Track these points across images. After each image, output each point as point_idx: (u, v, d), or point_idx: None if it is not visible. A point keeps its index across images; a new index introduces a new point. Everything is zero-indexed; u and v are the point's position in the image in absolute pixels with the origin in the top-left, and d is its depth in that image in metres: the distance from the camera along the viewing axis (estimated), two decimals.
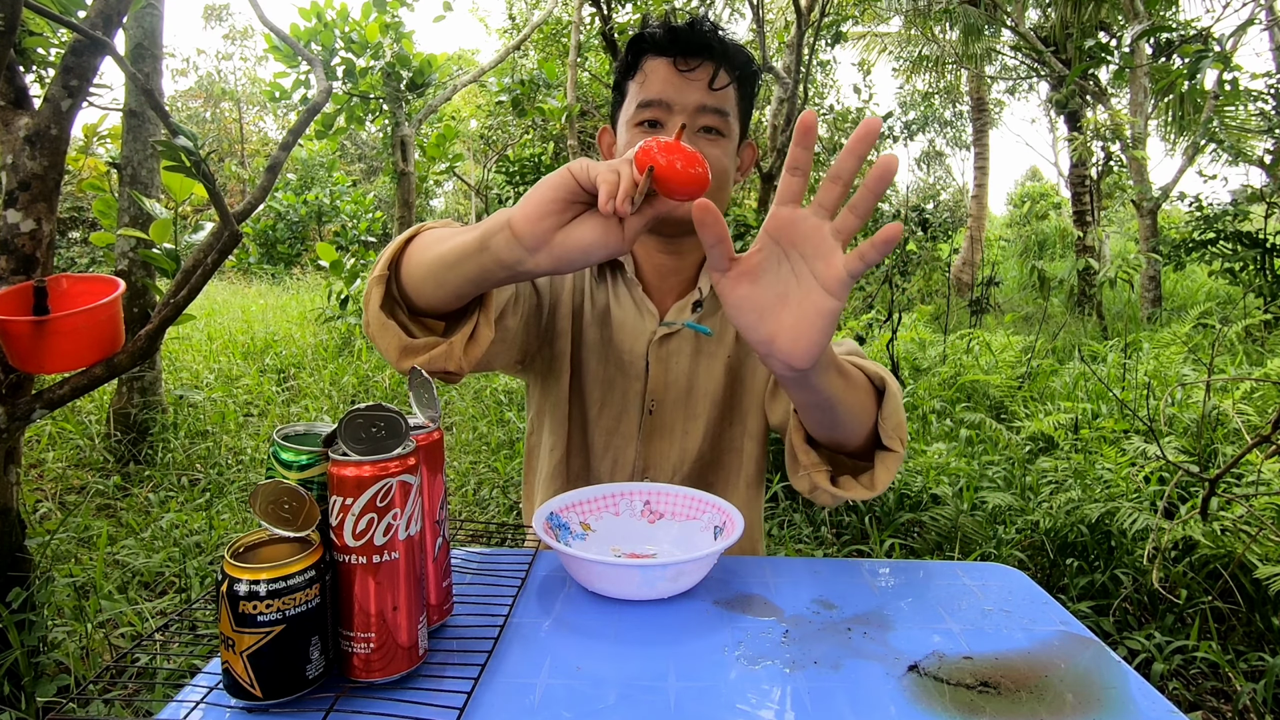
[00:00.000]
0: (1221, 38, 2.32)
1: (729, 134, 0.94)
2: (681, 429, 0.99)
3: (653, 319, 0.99)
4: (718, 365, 1.00)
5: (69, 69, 1.42)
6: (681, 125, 0.64)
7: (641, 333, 0.99)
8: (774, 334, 0.59)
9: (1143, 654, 1.88)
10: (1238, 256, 5.73)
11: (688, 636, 0.63)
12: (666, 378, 0.99)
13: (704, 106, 0.91)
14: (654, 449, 0.99)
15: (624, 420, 0.99)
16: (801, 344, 0.58)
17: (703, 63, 0.91)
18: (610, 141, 1.02)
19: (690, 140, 0.91)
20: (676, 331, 0.99)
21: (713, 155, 0.91)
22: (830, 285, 0.56)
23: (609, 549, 0.79)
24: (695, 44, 0.90)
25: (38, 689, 1.61)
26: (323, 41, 5.71)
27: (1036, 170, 31.20)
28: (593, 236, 0.57)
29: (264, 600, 0.50)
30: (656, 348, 0.98)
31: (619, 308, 1.00)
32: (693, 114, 0.91)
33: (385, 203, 17.19)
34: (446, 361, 0.72)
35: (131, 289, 2.87)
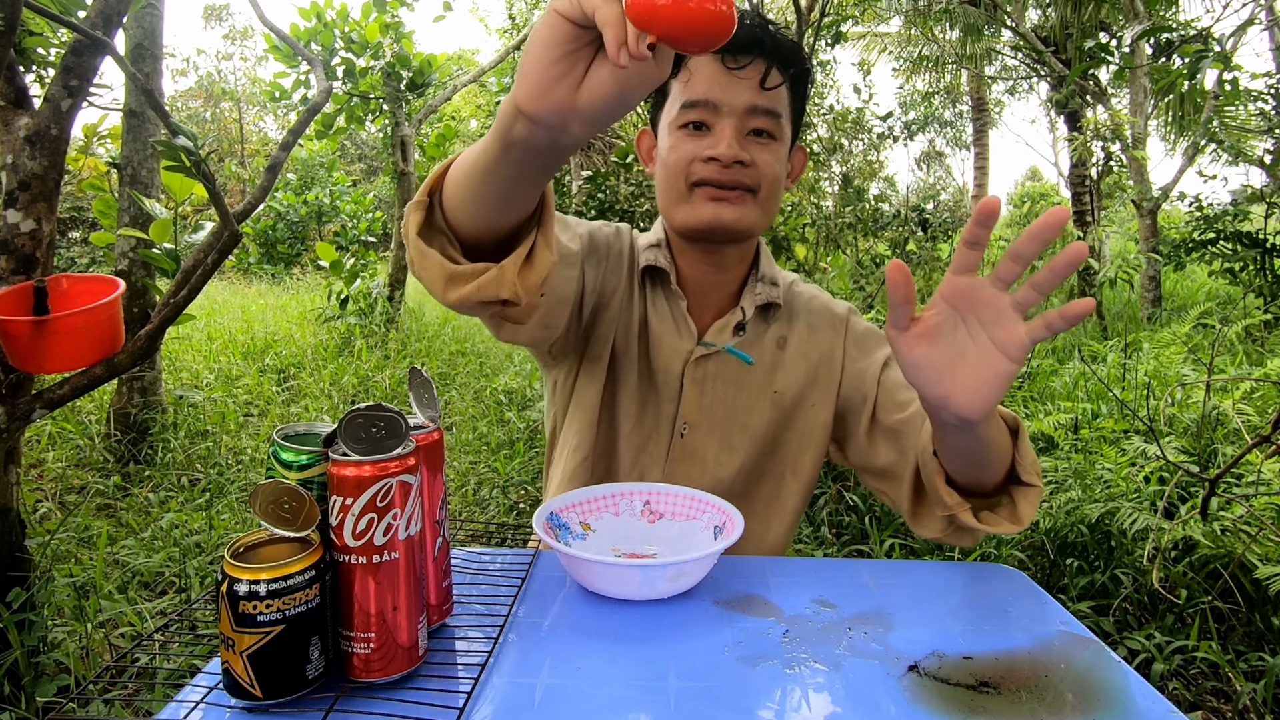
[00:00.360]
0: (1221, 38, 2.32)
1: (780, 137, 0.88)
2: (714, 459, 0.94)
3: (691, 337, 0.94)
4: (761, 401, 0.95)
5: (69, 69, 1.42)
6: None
7: (679, 351, 0.93)
8: (950, 392, 0.63)
9: (1143, 654, 1.88)
10: (1238, 256, 5.72)
11: (688, 636, 0.63)
12: (701, 401, 0.93)
13: (754, 108, 0.85)
14: (681, 473, 0.94)
15: (653, 440, 0.94)
16: (978, 401, 0.62)
17: (753, 60, 0.85)
18: (650, 145, 0.96)
19: (739, 145, 0.85)
20: (715, 353, 0.93)
21: (763, 160, 0.86)
22: (1011, 351, 0.60)
23: (609, 549, 0.79)
24: (745, 40, 0.84)
25: (38, 689, 1.61)
26: (323, 41, 5.71)
27: (1036, 170, 31.21)
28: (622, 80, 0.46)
29: (264, 600, 0.50)
30: (693, 368, 0.93)
31: (658, 320, 0.95)
32: (742, 115, 0.85)
33: (385, 203, 17.18)
34: (499, 288, 0.62)
35: (131, 289, 2.87)
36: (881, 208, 7.87)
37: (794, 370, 0.96)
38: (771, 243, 3.58)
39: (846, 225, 7.66)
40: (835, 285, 5.97)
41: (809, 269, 5.60)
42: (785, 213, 4.73)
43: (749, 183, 0.86)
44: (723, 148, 0.84)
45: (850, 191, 6.05)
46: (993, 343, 0.61)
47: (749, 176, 0.86)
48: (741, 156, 0.85)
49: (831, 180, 12.51)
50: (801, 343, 0.97)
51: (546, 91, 0.47)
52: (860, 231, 7.67)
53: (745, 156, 0.85)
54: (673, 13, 0.40)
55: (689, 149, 0.87)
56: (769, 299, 0.95)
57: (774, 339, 0.96)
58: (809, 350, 0.97)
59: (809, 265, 5.97)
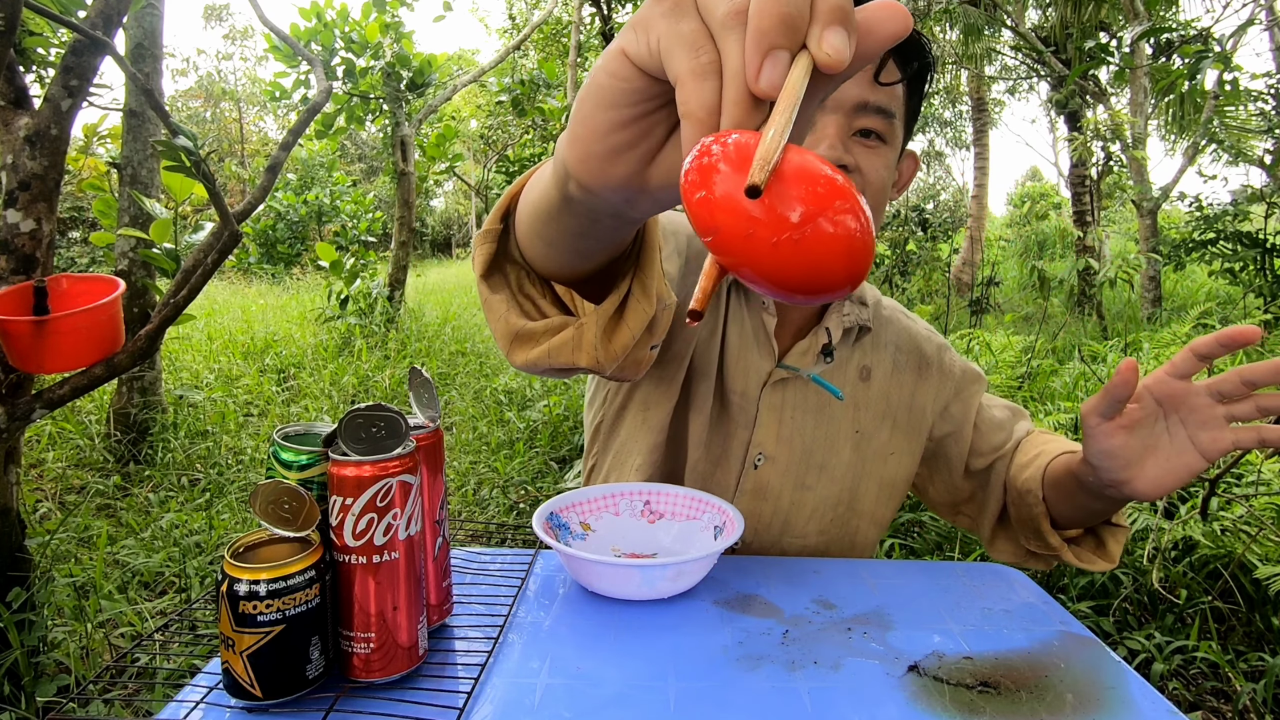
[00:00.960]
0: (1221, 38, 2.32)
1: (891, 141, 0.76)
2: (790, 498, 0.84)
3: (771, 357, 0.83)
4: (842, 439, 0.85)
5: (69, 69, 1.42)
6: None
7: (757, 371, 0.83)
8: (1134, 478, 0.66)
9: (1143, 654, 1.88)
10: (1238, 256, 5.73)
11: (688, 636, 0.63)
12: (780, 431, 0.83)
13: (864, 104, 0.73)
14: (752, 509, 0.84)
15: (721, 469, 0.85)
16: (1157, 490, 0.66)
17: None
18: None
19: (843, 146, 0.73)
20: (794, 378, 0.83)
21: (870, 166, 0.74)
22: (1209, 453, 0.64)
23: (609, 549, 0.79)
24: None
25: (38, 689, 1.62)
26: (323, 41, 5.71)
27: (1036, 170, 31.21)
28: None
29: (264, 600, 0.50)
30: (770, 393, 0.83)
31: (738, 334, 0.83)
32: (849, 113, 0.73)
33: (385, 203, 17.18)
34: (575, 354, 0.50)
35: (131, 289, 2.87)
36: None
37: (875, 409, 0.87)
38: None
39: None
40: None
41: None
42: None
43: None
44: (824, 149, 0.73)
45: None
46: (1192, 442, 0.65)
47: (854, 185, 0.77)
48: (845, 160, 0.74)
49: None
50: (884, 378, 0.88)
51: (605, 166, 0.34)
52: None
53: (849, 160, 0.74)
54: (791, 260, 0.25)
55: None
56: (859, 321, 0.86)
57: (858, 368, 0.87)
58: (891, 390, 0.88)
59: None
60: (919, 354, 0.91)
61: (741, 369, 0.83)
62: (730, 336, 0.83)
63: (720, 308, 0.84)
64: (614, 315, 0.50)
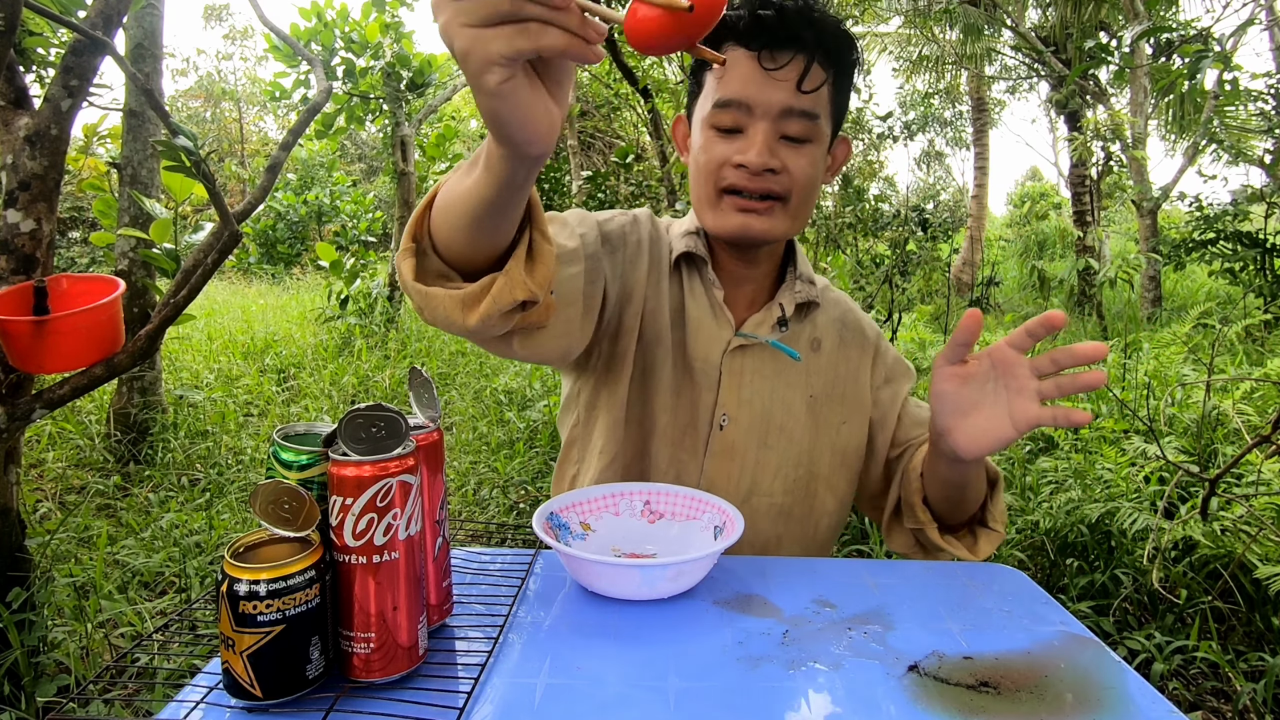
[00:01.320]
0: (1221, 38, 2.32)
1: (818, 139, 0.83)
2: (754, 457, 0.90)
3: (729, 326, 0.91)
4: (798, 402, 0.92)
5: (69, 69, 1.42)
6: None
7: (717, 339, 0.90)
8: (955, 427, 0.74)
9: (1143, 654, 1.88)
10: (1238, 256, 5.73)
11: (688, 636, 0.63)
12: (740, 394, 0.90)
13: (789, 110, 0.80)
14: (719, 469, 0.90)
15: (690, 433, 0.90)
16: (973, 447, 0.73)
17: (793, 57, 0.79)
18: (685, 133, 0.92)
19: (769, 151, 0.81)
20: (753, 346, 0.91)
21: (796, 166, 0.82)
22: (1019, 423, 0.70)
23: (609, 549, 0.79)
24: (784, 34, 0.78)
25: (38, 689, 1.62)
26: (323, 41, 5.71)
27: (1036, 170, 31.21)
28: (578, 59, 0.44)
29: (264, 600, 0.50)
30: (730, 359, 0.90)
31: (696, 307, 0.91)
32: (775, 119, 0.80)
33: (385, 203, 17.17)
34: (513, 290, 0.60)
35: (131, 289, 2.87)
36: (881, 208, 7.85)
37: (825, 377, 0.94)
38: None
39: (846, 225, 7.65)
40: (835, 285, 5.96)
41: None
42: None
43: (779, 190, 0.83)
44: (752, 155, 0.80)
45: (850, 191, 6.04)
46: (1008, 409, 0.71)
47: (779, 184, 0.83)
48: (772, 164, 0.81)
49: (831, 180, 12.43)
50: (832, 350, 0.96)
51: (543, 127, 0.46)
52: (860, 231, 7.67)
53: (776, 164, 0.81)
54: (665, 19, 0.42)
55: (720, 151, 0.83)
56: (809, 298, 0.93)
57: (809, 340, 0.94)
58: (839, 362, 0.95)
59: None
60: (861, 333, 0.99)
61: (704, 338, 0.90)
62: (690, 310, 0.91)
63: (674, 289, 0.91)
64: (528, 258, 0.61)
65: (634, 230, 0.91)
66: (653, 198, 5.84)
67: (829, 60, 0.81)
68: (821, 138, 0.84)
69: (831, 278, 6.39)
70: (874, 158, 13.92)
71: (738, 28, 0.80)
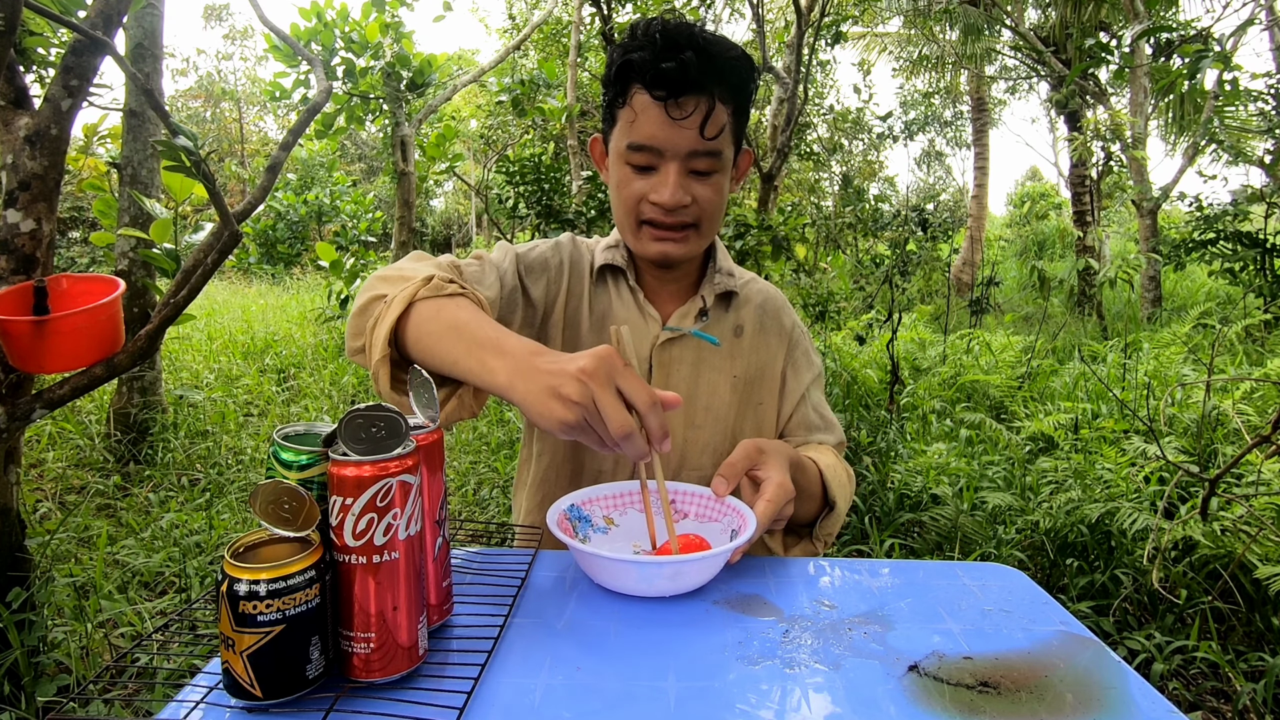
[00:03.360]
0: (1221, 38, 2.31)
1: (722, 168, 0.91)
2: (683, 436, 0.99)
3: (655, 323, 0.99)
4: (722, 383, 1.00)
5: (69, 69, 1.42)
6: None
7: (645, 336, 0.99)
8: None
9: (1143, 654, 1.88)
10: (1238, 256, 5.73)
11: (688, 636, 0.63)
12: (669, 382, 0.99)
13: (695, 152, 0.87)
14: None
15: None
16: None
17: (696, 104, 0.85)
18: (602, 153, 0.99)
19: (681, 189, 0.89)
20: (679, 338, 0.99)
21: (704, 196, 0.90)
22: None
23: (630, 545, 0.80)
24: (686, 83, 0.84)
25: (38, 689, 1.62)
26: (323, 41, 5.71)
27: (1036, 170, 31.20)
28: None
29: (264, 600, 0.50)
30: (659, 352, 0.98)
31: (623, 310, 1.00)
32: (684, 159, 0.88)
33: (385, 203, 17.18)
34: (462, 411, 0.77)
35: (131, 289, 2.87)
36: (881, 208, 7.85)
37: (747, 360, 1.03)
38: (771, 243, 3.58)
39: (846, 225, 7.65)
40: (835, 285, 5.96)
41: (809, 269, 5.60)
42: (785, 212, 4.73)
43: (691, 220, 0.91)
44: (666, 195, 0.88)
45: (850, 191, 6.03)
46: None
47: (691, 215, 0.91)
48: (684, 201, 0.89)
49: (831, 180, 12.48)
50: (753, 335, 1.04)
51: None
52: (860, 231, 7.67)
53: (686, 200, 0.89)
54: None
55: (637, 188, 0.91)
56: (727, 288, 1.02)
57: (732, 326, 1.03)
58: (759, 346, 1.04)
59: (809, 265, 5.96)
60: (779, 322, 1.06)
61: (633, 337, 0.94)
62: (617, 314, 0.99)
63: (599, 299, 1.00)
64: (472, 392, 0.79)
65: (555, 254, 1.01)
66: None
67: (730, 95, 0.88)
68: (726, 165, 0.91)
69: (831, 278, 6.38)
70: (874, 158, 13.90)
71: (645, 75, 0.85)
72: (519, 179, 4.98)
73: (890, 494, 2.84)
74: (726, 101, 0.88)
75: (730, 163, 0.93)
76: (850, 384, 4.20)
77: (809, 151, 10.22)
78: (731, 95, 0.88)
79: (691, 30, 0.87)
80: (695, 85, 0.85)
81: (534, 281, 0.97)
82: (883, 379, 4.32)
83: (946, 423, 3.64)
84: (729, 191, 0.96)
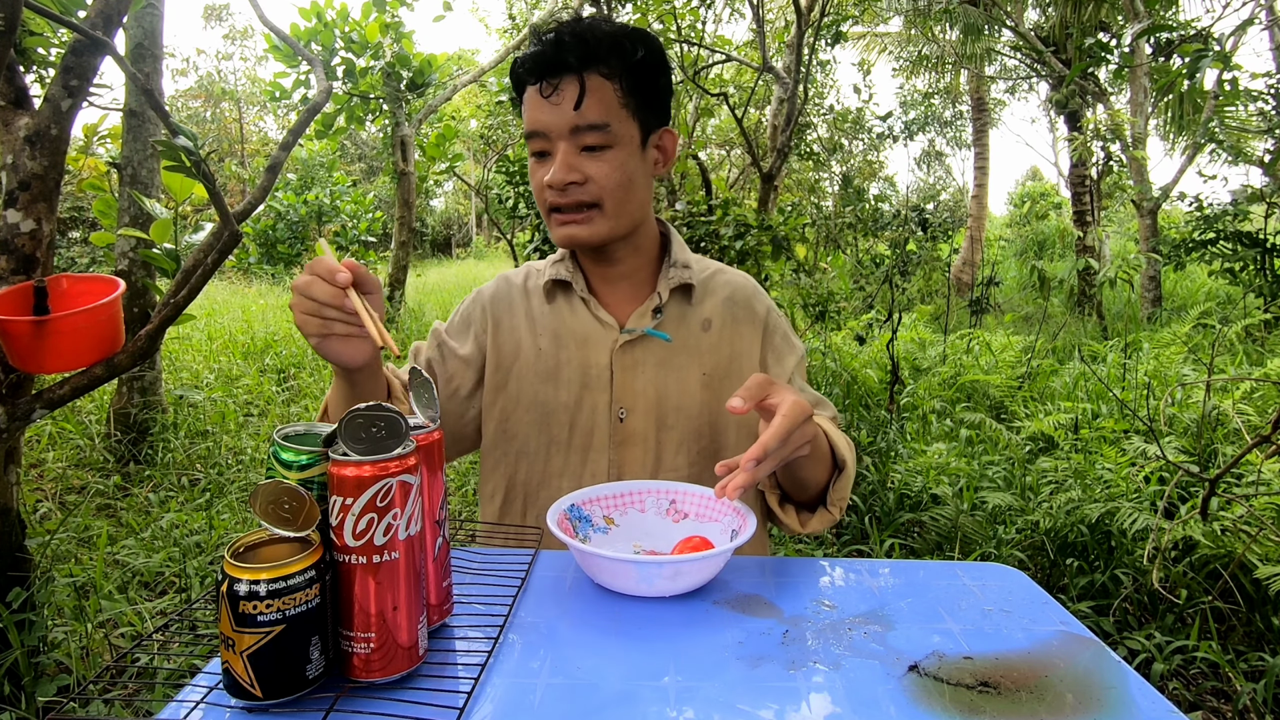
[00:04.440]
0: (1221, 37, 2.32)
1: (617, 142, 0.89)
2: (655, 438, 0.97)
3: (613, 329, 0.98)
4: (690, 378, 0.98)
5: (69, 69, 1.42)
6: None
7: (604, 343, 0.97)
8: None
9: (1143, 654, 1.88)
10: (1238, 256, 5.73)
11: (688, 636, 0.63)
12: (634, 386, 0.97)
13: (576, 128, 0.87)
14: (627, 456, 0.97)
15: (596, 433, 0.97)
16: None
17: (565, 80, 0.87)
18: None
19: (568, 168, 0.89)
20: (638, 339, 0.98)
21: (598, 172, 0.89)
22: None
23: (630, 545, 0.80)
24: (553, 62, 0.86)
25: (38, 689, 1.62)
26: (323, 41, 5.71)
27: (1036, 170, 31.21)
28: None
29: (264, 600, 0.50)
30: (621, 356, 0.97)
31: (578, 323, 0.99)
32: (569, 137, 0.88)
33: (385, 203, 17.18)
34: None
35: (131, 289, 2.87)
36: (881, 208, 7.85)
37: (719, 354, 1.00)
38: (771, 243, 3.58)
39: (846, 225, 7.66)
40: (835, 285, 5.96)
41: (809, 269, 5.59)
42: (785, 212, 4.73)
43: (589, 199, 0.90)
44: (552, 174, 0.89)
45: (850, 191, 6.03)
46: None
47: (588, 193, 0.90)
48: (572, 178, 0.89)
49: (831, 180, 12.48)
50: (723, 329, 1.01)
51: (352, 357, 0.76)
52: (860, 231, 7.67)
53: (577, 177, 0.89)
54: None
55: (538, 176, 0.92)
56: (683, 280, 1.00)
57: (699, 321, 1.01)
58: (732, 338, 1.01)
59: (809, 265, 5.96)
60: (751, 310, 1.04)
61: (591, 347, 0.98)
62: (572, 327, 0.99)
63: (549, 318, 1.00)
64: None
65: (474, 305, 1.04)
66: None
67: (615, 72, 0.88)
68: (623, 140, 0.90)
69: (831, 278, 6.38)
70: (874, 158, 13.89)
71: (524, 66, 0.89)
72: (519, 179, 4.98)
73: (890, 494, 2.84)
74: (611, 78, 0.88)
75: (632, 139, 0.91)
76: (850, 384, 4.21)
77: (809, 151, 10.22)
78: (618, 72, 0.89)
79: (577, 20, 0.90)
80: (565, 65, 0.87)
81: (462, 342, 1.01)
82: (883, 379, 4.32)
83: (946, 423, 3.64)
84: (651, 173, 0.95)
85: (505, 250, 15.60)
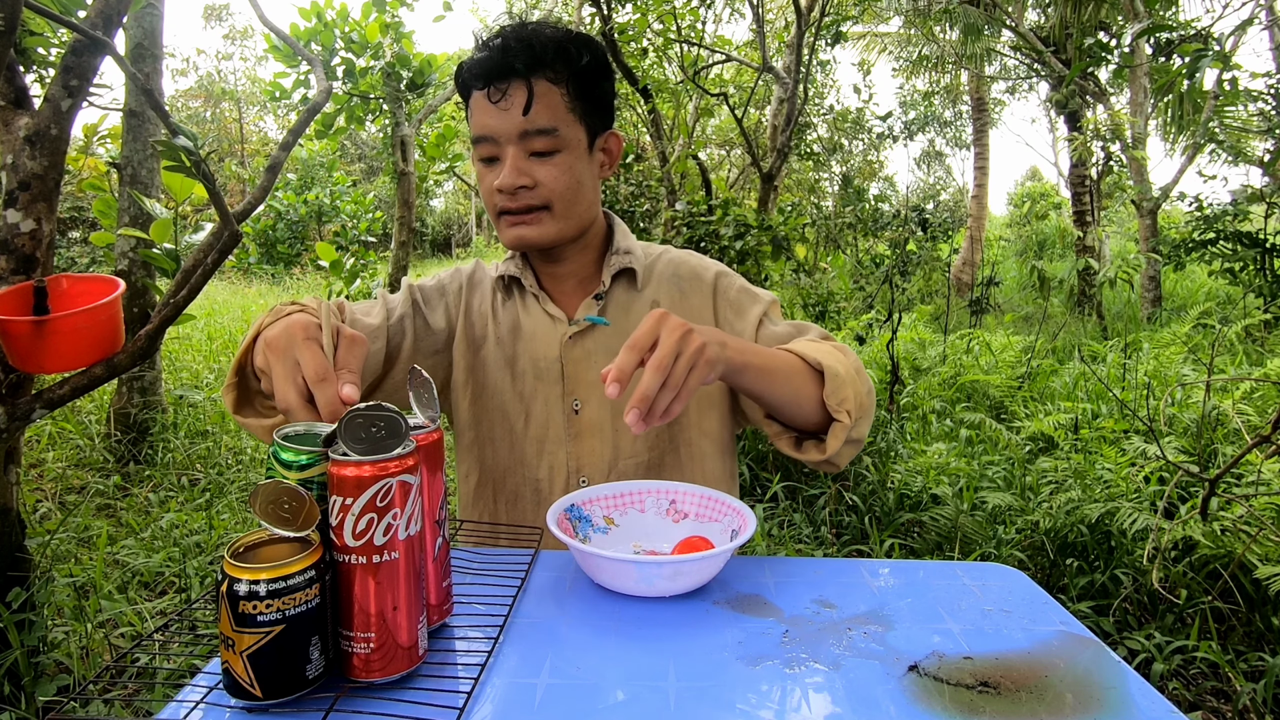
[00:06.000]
0: (1221, 37, 2.32)
1: (565, 146, 0.91)
2: (613, 426, 0.97)
3: (562, 322, 0.99)
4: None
5: (69, 69, 1.42)
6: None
7: (552, 337, 0.99)
8: None
9: (1143, 654, 1.88)
10: (1238, 256, 5.73)
11: (688, 636, 0.63)
12: (586, 376, 0.98)
13: (525, 132, 0.89)
14: (584, 448, 0.98)
15: (552, 426, 0.98)
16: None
17: (512, 85, 0.88)
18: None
19: (517, 172, 0.90)
20: (585, 330, 0.99)
21: (547, 176, 0.90)
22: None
23: (630, 545, 0.80)
24: (501, 67, 0.87)
25: (38, 689, 1.62)
26: (323, 41, 5.71)
27: (1036, 170, 31.20)
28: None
29: (264, 600, 0.50)
30: (570, 348, 0.98)
31: (529, 319, 1.01)
32: (518, 142, 0.89)
33: (385, 203, 17.18)
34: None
35: (131, 289, 2.87)
36: (881, 208, 7.85)
37: None
38: (771, 243, 3.58)
39: (846, 225, 7.66)
40: (835, 285, 5.96)
41: (809, 269, 5.59)
42: (785, 212, 4.72)
43: (538, 202, 0.91)
44: (502, 178, 0.90)
45: (850, 191, 6.04)
46: None
47: (537, 197, 0.91)
48: (521, 182, 0.90)
49: (831, 180, 12.48)
50: (673, 305, 1.01)
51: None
52: (860, 231, 7.67)
53: (526, 180, 0.90)
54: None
55: (487, 181, 0.93)
56: (623, 265, 1.01)
57: (648, 303, 1.01)
58: (683, 313, 1.01)
59: (809, 265, 5.96)
60: (698, 280, 1.04)
61: (541, 341, 0.99)
62: (524, 324, 1.00)
63: (506, 312, 1.02)
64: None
65: (454, 280, 1.05)
66: (653, 197, 5.84)
67: (561, 77, 0.89)
68: (571, 144, 0.91)
69: (831, 277, 6.38)
70: (874, 158, 13.89)
71: (474, 70, 0.90)
72: None
73: (890, 494, 2.84)
74: (558, 82, 0.89)
75: (580, 142, 0.93)
76: None
77: (809, 151, 10.22)
78: (564, 77, 0.90)
79: (522, 26, 0.91)
80: (513, 70, 0.87)
81: (432, 309, 1.01)
82: (883, 379, 4.32)
83: (946, 423, 3.64)
84: (598, 175, 0.97)
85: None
